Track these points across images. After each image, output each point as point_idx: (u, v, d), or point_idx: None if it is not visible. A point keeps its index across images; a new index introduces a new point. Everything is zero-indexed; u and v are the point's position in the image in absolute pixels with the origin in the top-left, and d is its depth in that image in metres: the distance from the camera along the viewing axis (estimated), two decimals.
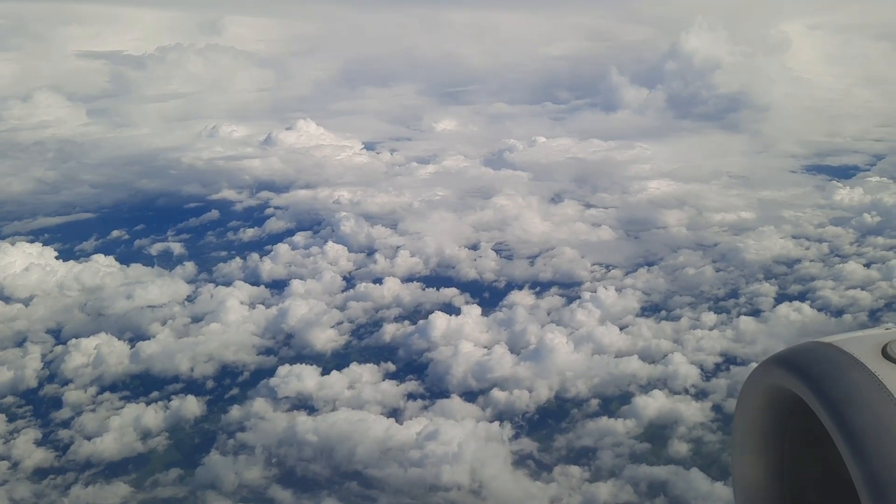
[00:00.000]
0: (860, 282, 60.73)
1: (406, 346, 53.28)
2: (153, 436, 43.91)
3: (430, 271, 68.29)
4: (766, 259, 66.06)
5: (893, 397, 2.28)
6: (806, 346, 2.66)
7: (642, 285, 61.65)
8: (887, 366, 2.41)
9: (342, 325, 57.46)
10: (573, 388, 46.32)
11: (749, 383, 2.85)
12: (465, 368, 48.02)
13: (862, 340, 2.58)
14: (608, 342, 50.19)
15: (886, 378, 2.36)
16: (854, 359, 2.47)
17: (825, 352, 2.57)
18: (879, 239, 69.90)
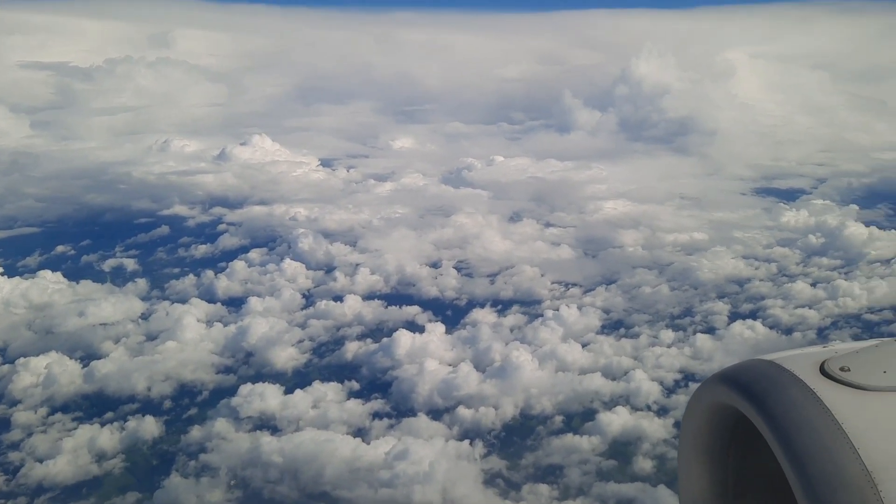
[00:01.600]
0: (808, 301, 62.95)
1: (370, 365, 52.82)
2: (109, 458, 42.34)
3: (392, 289, 68.06)
4: (718, 278, 67.94)
5: (830, 413, 2.37)
6: (748, 364, 2.74)
7: (602, 303, 62.67)
8: (825, 382, 2.51)
9: (303, 344, 56.70)
10: (538, 405, 46.61)
11: (694, 400, 2.92)
12: (430, 386, 47.84)
13: (801, 358, 2.69)
14: (571, 359, 50.78)
15: (824, 394, 2.45)
16: (794, 376, 2.57)
17: (766, 369, 2.66)
18: (824, 259, 72.64)
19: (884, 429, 2.33)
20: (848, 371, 2.55)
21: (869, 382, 2.49)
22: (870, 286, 64.20)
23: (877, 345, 2.74)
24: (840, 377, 2.53)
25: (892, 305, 61.98)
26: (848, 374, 2.54)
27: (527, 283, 67.09)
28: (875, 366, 2.56)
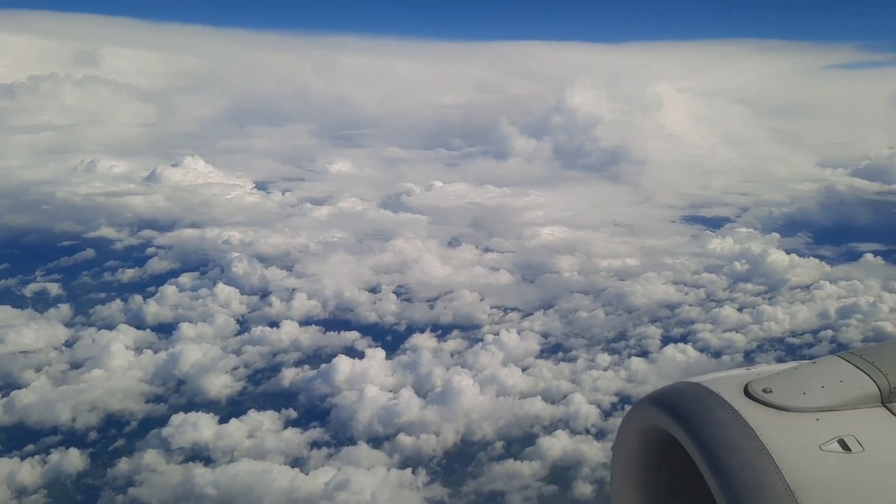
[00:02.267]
0: (735, 325, 65.24)
1: (308, 392, 51.66)
2: (29, 493, 40.03)
3: (329, 314, 67.12)
4: (650, 303, 69.80)
5: (755, 434, 2.46)
6: (676, 387, 2.82)
7: (540, 328, 63.38)
8: (749, 404, 2.61)
9: (238, 371, 55.08)
10: (479, 430, 46.47)
11: (625, 424, 2.98)
12: (370, 413, 47.10)
13: (727, 380, 2.78)
14: (511, 384, 50.97)
15: (748, 415, 2.54)
16: (720, 398, 2.65)
17: (694, 391, 2.74)
18: (749, 285, 75.61)
19: (805, 449, 2.41)
20: (770, 392, 2.64)
21: (790, 403, 2.59)
22: (792, 311, 67.14)
23: (796, 367, 2.84)
24: (763, 399, 2.62)
25: (813, 329, 64.90)
26: (770, 395, 2.63)
27: (466, 308, 67.32)
28: (795, 387, 2.66)
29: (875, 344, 2.95)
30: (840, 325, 64.61)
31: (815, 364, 2.84)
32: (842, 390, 2.64)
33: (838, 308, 67.20)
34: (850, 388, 2.65)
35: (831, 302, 69.29)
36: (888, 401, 2.65)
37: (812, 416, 2.56)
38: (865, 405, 2.63)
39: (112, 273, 76.52)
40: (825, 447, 2.43)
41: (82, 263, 79.30)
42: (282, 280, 73.78)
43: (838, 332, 63.30)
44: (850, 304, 67.43)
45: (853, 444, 2.44)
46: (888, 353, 2.83)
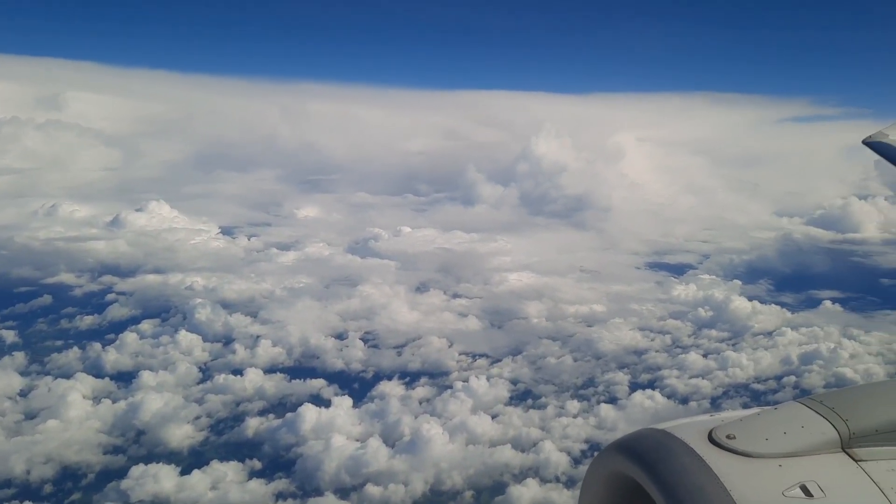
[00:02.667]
0: (700, 371, 65.83)
1: (272, 442, 50.39)
2: None
3: (295, 362, 66.12)
4: (618, 349, 70.19)
5: (719, 480, 2.50)
6: (642, 433, 2.88)
7: (509, 374, 63.17)
8: (713, 450, 2.67)
9: (200, 420, 53.61)
10: (448, 479, 45.70)
11: (591, 471, 3.02)
12: (337, 463, 46.08)
13: (691, 426, 2.85)
14: (481, 432, 50.44)
15: (712, 462, 2.60)
16: (685, 444, 2.70)
17: (659, 438, 2.79)
18: (713, 332, 76.60)
19: (768, 495, 2.46)
20: (734, 439, 2.70)
21: (753, 449, 2.64)
22: (756, 357, 68.08)
23: (759, 413, 2.90)
24: (727, 445, 2.68)
25: (776, 375, 65.80)
26: (734, 441, 2.69)
27: (434, 355, 66.86)
28: (758, 433, 2.72)
29: (835, 390, 3.01)
30: (802, 371, 65.66)
31: (777, 410, 2.90)
32: (803, 436, 2.70)
33: (800, 354, 68.39)
34: (812, 433, 2.71)
35: (793, 348, 70.48)
36: (848, 446, 2.71)
37: (775, 462, 2.60)
38: (826, 451, 2.68)
39: (70, 320, 74.39)
40: (787, 493, 2.47)
41: (39, 310, 77.01)
42: (246, 327, 72.58)
43: (801, 378, 64.27)
44: (812, 351, 68.69)
45: (815, 490, 2.49)
46: (848, 399, 2.90)
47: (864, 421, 2.76)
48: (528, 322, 76.99)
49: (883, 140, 12.17)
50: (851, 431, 2.72)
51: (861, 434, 2.73)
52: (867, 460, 2.67)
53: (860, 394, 3.07)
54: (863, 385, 3.26)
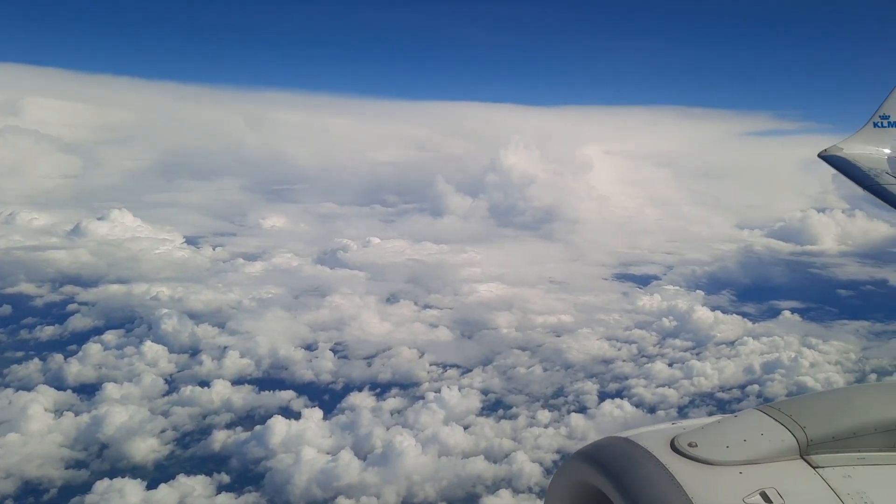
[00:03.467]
0: (666, 380, 66.80)
1: (241, 455, 49.60)
2: None
3: (263, 373, 65.27)
4: (586, 359, 70.88)
5: (681, 488, 2.57)
6: (605, 442, 2.94)
7: (479, 384, 63.29)
8: (675, 458, 2.73)
9: (165, 434, 52.53)
10: (421, 492, 45.49)
11: (555, 479, 3.08)
12: (308, 477, 45.52)
13: (654, 435, 2.92)
14: (453, 443, 50.34)
15: (675, 469, 2.67)
16: (648, 452, 2.77)
17: (622, 447, 2.86)
18: (677, 341, 77.82)
19: (729, 501, 2.53)
20: (696, 447, 2.77)
21: (714, 457, 2.72)
22: (720, 366, 69.36)
23: (719, 421, 2.99)
24: (689, 453, 2.75)
25: (740, 384, 67.10)
26: (696, 449, 2.76)
27: (405, 366, 66.67)
28: (719, 441, 2.80)
29: (793, 397, 3.11)
30: (765, 379, 67.08)
31: (737, 418, 2.97)
32: (763, 443, 2.77)
33: (762, 363, 69.87)
34: (771, 441, 2.79)
35: (755, 357, 72.00)
36: (806, 453, 2.80)
37: (735, 469, 2.68)
38: (785, 458, 2.76)
39: (30, 331, 72.37)
40: (748, 500, 2.54)
41: None
42: (213, 338, 71.51)
43: (764, 387, 65.62)
44: (774, 360, 70.22)
45: (774, 497, 2.55)
46: (805, 407, 3.00)
47: (821, 428, 2.85)
48: (498, 332, 77.30)
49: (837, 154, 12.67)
50: (809, 438, 2.80)
51: (818, 441, 2.82)
52: (824, 467, 2.75)
53: (817, 401, 3.16)
54: (820, 393, 3.30)
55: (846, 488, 2.63)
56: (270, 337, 70.75)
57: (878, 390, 3.33)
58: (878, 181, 10.67)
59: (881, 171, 11.38)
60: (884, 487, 2.69)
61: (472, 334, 77.02)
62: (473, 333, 77.21)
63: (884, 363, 71.50)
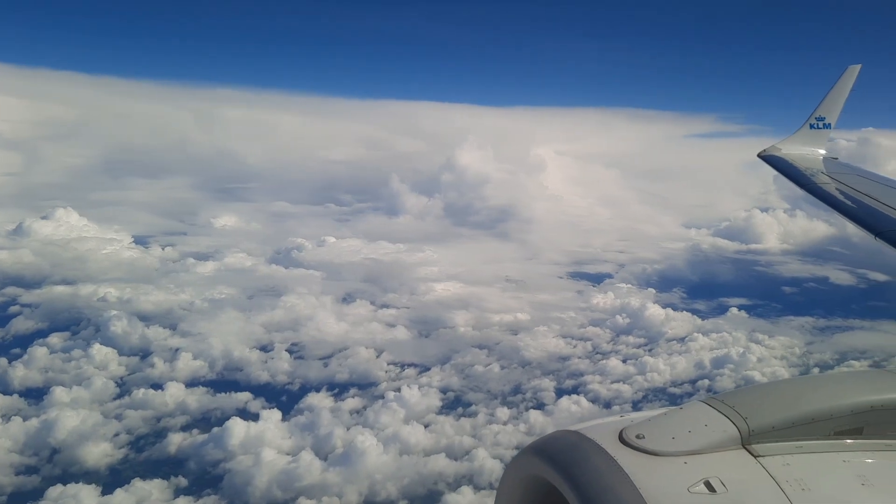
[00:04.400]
0: (621, 376, 68.15)
1: (198, 458, 48.68)
2: None
3: (218, 375, 64.24)
4: (542, 356, 71.78)
5: (629, 478, 2.66)
6: (555, 436, 3.04)
7: (438, 383, 63.44)
8: (623, 450, 2.83)
9: (119, 437, 51.22)
10: (383, 490, 45.40)
11: (507, 473, 3.21)
12: (268, 478, 44.96)
13: (603, 427, 3.02)
14: (414, 441, 50.40)
15: (623, 461, 2.75)
16: (596, 445, 2.87)
17: (572, 440, 2.95)
18: (630, 338, 79.41)
19: (674, 492, 2.64)
20: (643, 438, 2.89)
21: (661, 448, 2.83)
22: (672, 362, 71.14)
23: (665, 413, 3.12)
24: (636, 444, 2.86)
25: (691, 379, 68.94)
26: (643, 441, 2.88)
27: (363, 365, 66.39)
28: (665, 433, 2.92)
29: (736, 389, 3.32)
30: (715, 374, 69.01)
31: (682, 410, 3.10)
32: (706, 434, 2.89)
33: (712, 358, 71.84)
34: (714, 431, 2.91)
35: (705, 353, 73.97)
36: (748, 442, 2.91)
37: (681, 459, 2.79)
38: (728, 448, 2.88)
39: None
40: (693, 489, 2.64)
41: None
42: (165, 339, 70.05)
43: (714, 382, 67.52)
44: (723, 355, 72.29)
45: (718, 486, 2.66)
46: (747, 398, 3.12)
47: (761, 418, 2.96)
48: (455, 331, 77.58)
49: (776, 154, 13.25)
50: (750, 429, 2.91)
51: (759, 431, 2.93)
52: (765, 456, 2.86)
53: (758, 393, 3.28)
54: (761, 384, 3.48)
55: (785, 475, 2.74)
56: (224, 338, 69.64)
57: (815, 382, 3.44)
58: (814, 180, 11.07)
59: (817, 170, 11.94)
60: (820, 474, 2.80)
61: (430, 333, 77.21)
62: (431, 332, 77.41)
63: (826, 357, 74.43)
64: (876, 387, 3.23)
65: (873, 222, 8.22)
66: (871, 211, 8.83)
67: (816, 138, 13.66)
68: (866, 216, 8.66)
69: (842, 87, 13.74)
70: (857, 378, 3.50)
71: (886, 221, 8.16)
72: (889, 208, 8.72)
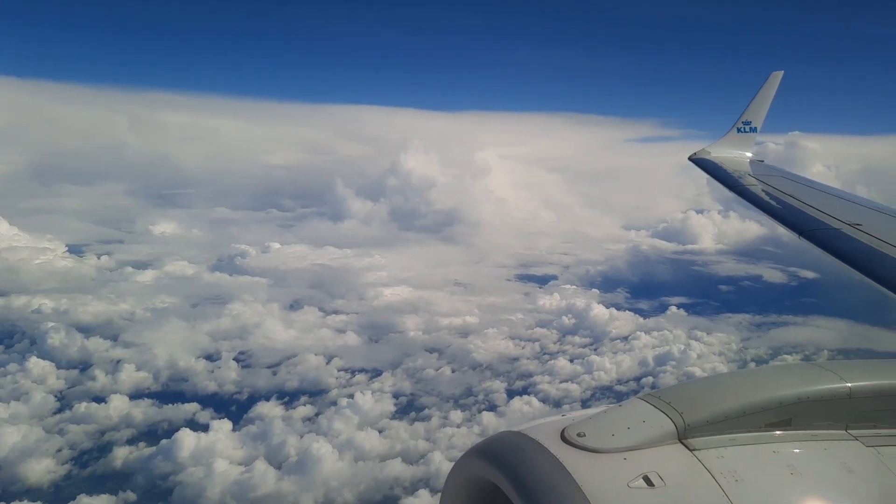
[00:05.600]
0: (569, 375, 69.48)
1: (146, 471, 47.42)
2: None
3: (163, 386, 62.76)
4: (492, 358, 72.58)
5: (571, 476, 2.71)
6: (498, 437, 3.08)
7: (390, 388, 63.40)
8: (565, 448, 2.87)
9: (62, 453, 49.44)
10: (339, 497, 45.13)
11: (451, 476, 3.22)
12: (221, 489, 44.17)
13: (545, 427, 3.04)
14: (369, 447, 50.26)
15: (564, 459, 2.80)
16: (539, 444, 2.90)
17: (515, 440, 2.98)
18: (576, 338, 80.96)
19: (615, 487, 2.69)
20: (584, 436, 2.94)
21: (601, 445, 2.88)
22: (617, 360, 72.95)
23: (605, 410, 3.19)
24: (578, 442, 2.91)
25: (636, 376, 70.85)
26: (584, 439, 2.93)
27: (312, 372, 65.78)
28: (605, 430, 2.97)
29: (673, 385, 3.35)
30: (658, 371, 71.07)
31: (621, 407, 3.15)
32: (644, 430, 2.95)
33: (655, 356, 73.99)
34: (652, 427, 2.97)
35: (648, 351, 76.09)
36: (684, 437, 2.99)
37: (620, 455, 2.84)
38: (665, 442, 2.95)
39: None
40: (632, 484, 2.70)
41: None
42: (105, 351, 67.98)
43: (657, 378, 69.49)
44: (665, 353, 74.53)
45: (656, 480, 2.73)
46: (682, 394, 3.21)
47: (696, 413, 3.04)
48: (405, 335, 77.60)
49: (705, 157, 13.90)
50: (686, 423, 2.99)
51: (695, 425, 3.01)
52: (700, 449, 2.95)
53: (693, 388, 3.34)
54: (696, 380, 3.49)
55: (719, 468, 2.84)
56: (168, 348, 68.04)
57: (747, 377, 3.53)
58: (741, 182, 11.37)
59: (744, 172, 12.34)
60: (752, 465, 2.91)
61: (380, 338, 77.00)
62: (381, 337, 77.21)
63: (761, 352, 77.57)
64: (803, 380, 3.35)
65: (797, 222, 8.47)
66: (795, 211, 9.09)
67: (744, 142, 14.21)
68: (790, 216, 8.91)
69: (766, 92, 14.32)
70: (786, 372, 3.56)
71: (809, 221, 8.39)
72: (811, 208, 8.97)
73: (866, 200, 9.67)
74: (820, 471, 2.97)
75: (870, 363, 3.76)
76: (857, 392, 3.29)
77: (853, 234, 7.50)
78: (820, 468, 2.98)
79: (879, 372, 3.56)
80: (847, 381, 3.33)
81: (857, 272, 6.46)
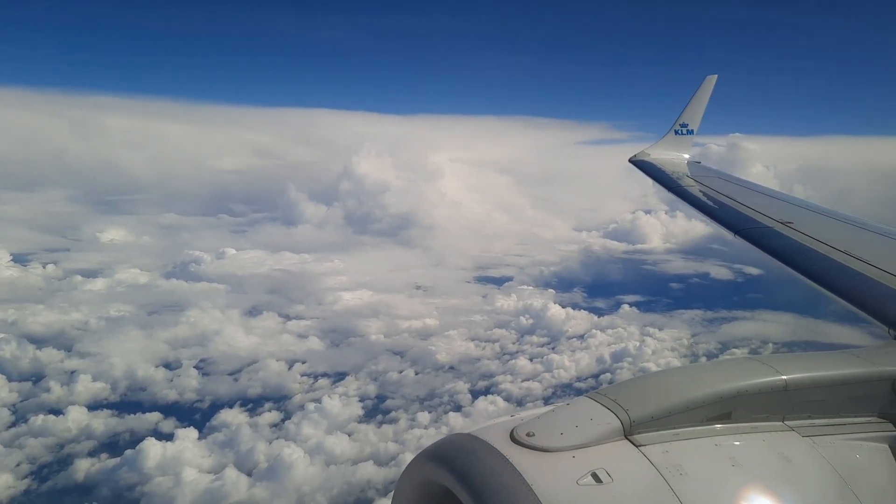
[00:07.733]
0: (530, 374, 70.73)
1: (110, 483, 46.61)
2: None
3: (121, 396, 61.58)
4: (454, 359, 73.38)
5: (521, 476, 2.73)
6: (448, 439, 3.07)
7: (355, 392, 63.52)
8: (515, 448, 2.88)
9: (20, 467, 48.17)
10: (312, 501, 45.23)
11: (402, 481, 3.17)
12: (192, 498, 43.77)
13: (495, 428, 3.05)
14: (340, 451, 50.40)
15: (514, 459, 2.81)
16: (489, 445, 2.91)
17: (465, 442, 2.99)
18: (534, 338, 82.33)
19: (564, 485, 2.72)
20: (533, 436, 2.94)
21: (550, 444, 2.89)
22: (576, 358, 74.59)
23: (554, 409, 3.21)
24: (527, 442, 2.91)
25: (594, 373, 72.57)
26: (533, 438, 2.93)
27: (275, 378, 65.41)
28: (554, 428, 2.98)
29: (618, 383, 3.40)
30: (615, 368, 72.89)
31: (569, 405, 3.18)
32: (592, 428, 2.97)
33: (611, 353, 75.94)
34: (599, 425, 2.99)
35: (604, 348, 78.00)
36: (630, 433, 3.02)
37: (569, 454, 2.86)
38: (612, 439, 2.98)
39: None
40: (581, 482, 2.73)
41: None
42: (59, 362, 66.28)
43: (615, 375, 71.27)
44: (620, 350, 76.54)
45: (604, 477, 2.76)
46: (628, 391, 3.24)
47: (641, 409, 3.07)
48: (366, 339, 77.70)
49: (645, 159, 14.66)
50: (632, 420, 3.02)
51: (640, 421, 3.04)
52: (646, 445, 2.99)
53: (638, 385, 3.36)
54: (641, 377, 3.53)
55: (664, 462, 2.89)
56: (126, 357, 66.75)
57: (689, 372, 3.53)
58: (679, 183, 11.58)
59: (682, 174, 12.62)
60: (695, 458, 2.98)
61: (341, 342, 76.93)
62: (342, 341, 77.14)
63: (711, 347, 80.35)
64: (742, 374, 3.43)
65: (732, 221, 8.67)
66: (730, 210, 9.28)
67: (681, 143, 14.59)
68: (726, 215, 9.13)
69: (701, 95, 14.69)
70: (726, 366, 3.65)
71: (743, 220, 8.61)
72: (746, 207, 9.19)
73: (798, 199, 10.04)
74: (759, 461, 3.05)
75: (805, 356, 3.87)
76: (793, 384, 3.41)
77: (784, 232, 7.71)
78: (759, 459, 3.07)
79: (813, 364, 3.70)
80: (783, 373, 3.44)
81: (789, 268, 6.70)
